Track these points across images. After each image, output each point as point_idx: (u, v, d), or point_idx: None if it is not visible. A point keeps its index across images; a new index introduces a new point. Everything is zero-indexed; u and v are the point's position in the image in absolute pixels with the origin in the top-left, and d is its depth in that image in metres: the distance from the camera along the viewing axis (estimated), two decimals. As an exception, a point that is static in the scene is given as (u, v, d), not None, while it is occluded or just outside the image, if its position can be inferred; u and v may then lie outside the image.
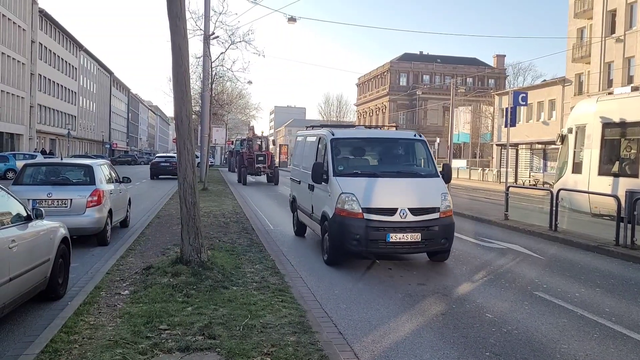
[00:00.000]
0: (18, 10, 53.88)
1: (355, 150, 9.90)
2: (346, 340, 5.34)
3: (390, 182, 8.91)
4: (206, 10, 24.51)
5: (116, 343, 4.85)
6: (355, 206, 8.33)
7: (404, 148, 9.99)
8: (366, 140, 10.21)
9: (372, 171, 9.25)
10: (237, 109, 60.66)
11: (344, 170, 9.07)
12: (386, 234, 8.20)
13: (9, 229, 5.61)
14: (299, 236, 11.86)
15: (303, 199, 11.02)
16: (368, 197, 8.41)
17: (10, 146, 52.14)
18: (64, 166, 11.52)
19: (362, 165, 9.65)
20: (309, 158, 10.72)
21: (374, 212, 8.29)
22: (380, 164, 9.68)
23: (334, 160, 9.17)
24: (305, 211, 10.67)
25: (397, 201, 8.39)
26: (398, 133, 11.13)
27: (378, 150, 9.96)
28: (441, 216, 8.58)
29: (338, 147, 9.47)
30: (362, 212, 8.28)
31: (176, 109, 7.74)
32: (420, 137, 9.92)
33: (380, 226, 8.24)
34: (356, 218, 8.28)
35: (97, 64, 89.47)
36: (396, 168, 9.50)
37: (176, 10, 7.55)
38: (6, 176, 30.08)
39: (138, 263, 8.32)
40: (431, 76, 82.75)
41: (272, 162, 31.06)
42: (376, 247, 8.31)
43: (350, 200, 8.37)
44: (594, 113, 15.72)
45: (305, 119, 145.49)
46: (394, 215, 8.29)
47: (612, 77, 35.78)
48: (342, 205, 8.40)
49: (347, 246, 8.39)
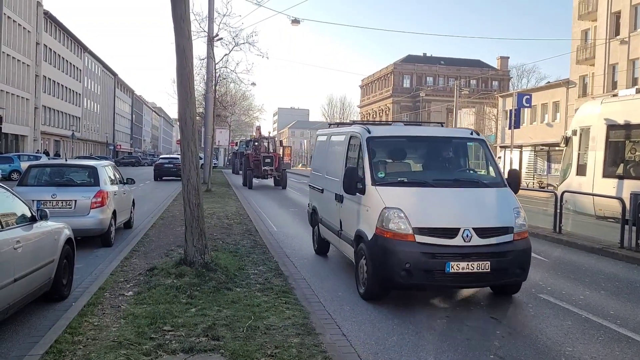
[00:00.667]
0: (23, 12, 54.12)
1: (399, 152, 8.13)
2: (350, 342, 5.33)
3: (447, 193, 7.03)
4: (210, 12, 24.55)
5: (120, 344, 4.86)
6: (404, 225, 6.46)
7: (458, 149, 8.14)
8: (412, 139, 8.17)
9: (421, 179, 7.45)
10: (241, 111, 60.68)
11: (386, 178, 7.26)
12: (445, 262, 6.33)
13: (14, 229, 5.63)
14: (320, 255, 9.92)
15: (327, 211, 9.10)
16: (420, 213, 6.59)
17: (15, 147, 52.35)
18: (68, 167, 11.56)
19: (407, 171, 7.98)
20: (334, 162, 8.89)
21: (428, 234, 6.45)
22: (431, 170, 7.97)
23: (372, 164, 7.25)
24: (331, 227, 8.75)
25: (458, 219, 6.58)
26: (450, 131, 9.24)
27: (427, 152, 8.17)
28: (515, 238, 6.70)
29: (376, 148, 7.62)
30: (412, 234, 6.43)
31: (180, 110, 7.76)
32: (479, 136, 8.16)
33: (438, 252, 6.37)
34: (405, 241, 6.43)
35: (101, 66, 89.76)
36: (452, 175, 7.75)
37: (180, 12, 7.57)
38: (11, 177, 30.16)
39: (142, 264, 8.33)
40: (435, 78, 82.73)
41: (280, 165, 29.12)
42: (432, 280, 6.43)
43: (396, 217, 6.51)
44: (599, 115, 15.68)
45: (308, 121, 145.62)
46: (456, 237, 6.43)
47: (617, 79, 35.68)
48: (386, 224, 6.54)
49: (393, 278, 6.47)
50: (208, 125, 27.84)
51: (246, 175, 29.60)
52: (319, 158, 10.46)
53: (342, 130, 9.13)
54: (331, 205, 8.69)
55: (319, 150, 10.68)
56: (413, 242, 6.42)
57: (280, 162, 29.33)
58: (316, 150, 11.10)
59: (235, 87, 47.64)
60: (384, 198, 6.74)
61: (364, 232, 6.93)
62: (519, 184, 7.72)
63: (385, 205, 6.63)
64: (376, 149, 7.61)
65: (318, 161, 10.45)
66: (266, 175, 28.67)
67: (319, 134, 11.05)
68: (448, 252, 6.38)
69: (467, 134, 8.27)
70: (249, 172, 29.04)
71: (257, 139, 32.86)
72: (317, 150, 10.91)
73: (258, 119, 69.01)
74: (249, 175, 28.80)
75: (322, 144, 10.40)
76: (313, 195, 10.44)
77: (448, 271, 6.32)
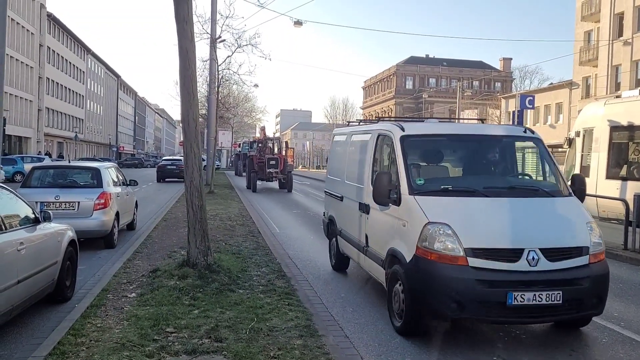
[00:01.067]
0: (26, 14, 54.33)
1: (439, 154, 6.85)
2: (353, 344, 5.32)
3: (504, 204, 5.76)
4: (213, 14, 24.63)
5: (123, 345, 4.87)
6: (453, 245, 5.23)
7: (509, 150, 6.95)
8: (455, 138, 6.82)
9: (469, 186, 6.08)
10: (243, 112, 60.79)
11: (426, 185, 5.98)
12: (506, 292, 5.09)
13: (17, 231, 5.64)
14: (338, 272, 8.72)
15: (348, 222, 7.89)
16: (472, 229, 5.37)
17: (18, 149, 52.51)
18: (72, 169, 11.59)
19: (451, 176, 6.76)
20: (357, 165, 7.68)
21: (484, 256, 5.19)
22: (478, 175, 6.68)
23: (408, 169, 6.01)
24: (353, 241, 7.55)
25: (521, 237, 5.34)
26: (498, 128, 8.01)
27: (472, 153, 6.92)
28: (591, 261, 5.47)
29: (412, 149, 6.37)
30: (464, 255, 5.18)
31: (183, 112, 7.77)
32: (534, 134, 6.78)
33: (497, 279, 5.14)
34: (455, 265, 5.19)
35: (104, 68, 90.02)
36: (505, 181, 6.53)
37: (183, 14, 7.59)
38: (14, 179, 30.25)
39: (145, 266, 8.34)
40: (437, 79, 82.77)
41: (285, 167, 27.88)
42: (489, 314, 5.23)
43: (443, 234, 5.28)
44: (602, 116, 15.64)
45: (311, 122, 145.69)
46: (519, 260, 5.19)
47: (620, 80, 35.64)
48: (431, 244, 5.30)
49: (439, 310, 5.31)
50: (211, 127, 27.89)
51: (250, 177, 28.47)
52: (336, 161, 9.17)
53: (366, 129, 7.88)
54: (353, 216, 7.50)
55: (336, 152, 9.39)
56: (465, 266, 5.19)
57: (286, 164, 28.28)
58: (333, 152, 9.68)
59: (237, 89, 47.81)
60: (426, 210, 5.51)
61: (400, 252, 5.70)
62: (585, 192, 6.48)
63: (428, 219, 5.40)
64: (412, 150, 6.35)
65: (336, 165, 9.15)
66: (271, 178, 27.56)
67: (335, 134, 9.76)
68: (509, 278, 5.15)
69: (519, 131, 6.94)
70: (253, 174, 28.01)
71: (261, 140, 31.73)
72: (334, 152, 9.51)
73: (261, 120, 69.10)
74: (253, 178, 27.71)
75: (340, 145, 9.13)
76: (330, 203, 9.13)
77: (510, 303, 5.09)
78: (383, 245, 6.24)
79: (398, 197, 5.91)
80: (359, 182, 7.35)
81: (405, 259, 5.57)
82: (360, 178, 7.32)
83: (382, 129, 6.95)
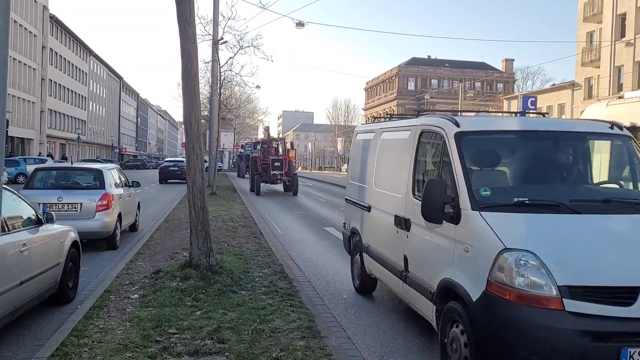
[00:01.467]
0: (29, 16, 54.49)
1: (507, 157, 5.33)
2: (355, 345, 5.32)
3: (602, 224, 4.35)
4: (215, 16, 24.67)
5: (126, 347, 4.87)
6: (541, 280, 3.85)
7: (591, 151, 5.71)
8: (529, 136, 5.26)
9: (551, 198, 4.58)
10: (245, 114, 60.88)
11: (495, 198, 4.55)
12: (619, 347, 3.69)
13: (20, 232, 5.66)
14: (362, 295, 7.41)
15: (379, 239, 6.55)
16: (567, 260, 3.95)
17: (21, 151, 52.64)
18: (74, 170, 11.61)
19: (525, 185, 5.13)
20: (390, 169, 6.41)
21: (586, 297, 3.78)
22: (560, 184, 5.15)
23: (468, 175, 4.61)
24: (386, 262, 6.14)
25: (636, 271, 3.89)
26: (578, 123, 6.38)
27: (548, 155, 5.32)
28: None
29: (472, 150, 4.91)
30: (559, 296, 3.79)
31: (185, 113, 7.78)
32: (622, 131, 5.41)
33: (606, 330, 3.72)
34: (546, 310, 3.80)
35: (106, 69, 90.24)
36: (597, 192, 5.19)
37: (185, 15, 7.60)
38: (17, 180, 30.32)
39: (147, 267, 8.35)
40: (439, 80, 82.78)
41: (291, 169, 26.70)
42: None
43: (527, 267, 3.90)
44: (604, 117, 15.54)
45: (313, 123, 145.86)
46: (634, 303, 3.77)
47: (622, 81, 35.58)
48: (510, 278, 3.91)
49: None
50: (213, 128, 27.94)
51: (253, 180, 27.25)
52: (361, 164, 7.69)
53: (403, 125, 6.41)
54: (386, 232, 6.11)
55: (360, 153, 7.84)
56: (560, 311, 3.75)
57: (291, 166, 27.12)
58: (356, 153, 8.16)
59: (240, 90, 47.81)
60: (499, 232, 4.10)
61: (460, 286, 4.28)
62: None
63: (504, 245, 3.99)
64: (471, 151, 4.87)
65: (360, 168, 7.72)
66: (275, 181, 26.33)
67: (359, 132, 8.25)
68: (623, 329, 3.71)
69: (604, 127, 5.49)
70: (256, 176, 26.76)
71: (265, 141, 30.65)
72: (358, 153, 8.00)
73: (263, 121, 69.15)
74: (256, 180, 26.50)
75: (365, 144, 7.61)
76: (353, 213, 7.81)
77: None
78: (432, 272, 4.88)
79: (456, 213, 4.50)
80: (394, 190, 5.99)
81: (470, 296, 4.14)
82: (396, 185, 5.94)
83: (428, 124, 5.54)
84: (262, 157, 27.85)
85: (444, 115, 5.40)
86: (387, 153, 6.67)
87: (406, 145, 5.84)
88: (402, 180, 5.78)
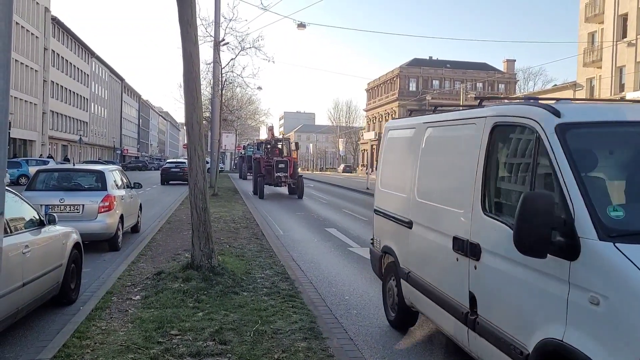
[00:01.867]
0: (31, 18, 54.61)
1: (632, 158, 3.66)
2: (357, 347, 5.31)
3: None
4: (216, 17, 24.67)
5: (128, 348, 4.88)
6: None
7: None
8: None
9: None
10: (247, 115, 60.91)
11: (632, 221, 3.10)
12: None
13: (23, 234, 5.66)
14: (398, 330, 5.98)
15: (426, 265, 5.17)
16: None
17: (23, 152, 52.73)
18: (76, 172, 11.62)
19: None
20: (442, 176, 5.09)
21: None
22: None
23: (585, 187, 3.12)
24: (438, 297, 4.74)
25: None
26: None
27: None
28: None
29: (585, 151, 3.47)
30: None
31: (187, 115, 7.79)
32: None
33: None
34: None
35: (108, 71, 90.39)
36: None
37: (187, 17, 7.61)
38: (19, 182, 30.36)
39: (149, 268, 8.36)
40: (441, 81, 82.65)
41: (295, 171, 25.56)
42: None
43: None
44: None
45: (314, 124, 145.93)
46: None
47: (624, 81, 35.56)
48: None
49: None
50: (214, 130, 27.92)
51: (256, 182, 25.75)
52: (396, 167, 6.27)
53: (462, 117, 4.91)
54: (438, 257, 4.84)
55: (395, 154, 6.46)
56: None
57: (296, 167, 25.88)
58: (389, 153, 6.72)
59: (241, 92, 47.87)
60: None
61: (586, 357, 2.82)
62: None
63: None
64: (584, 151, 3.44)
65: (395, 173, 6.31)
66: (280, 183, 25.06)
67: (391, 128, 6.71)
68: None
69: None
70: (259, 178, 25.34)
71: (269, 141, 29.51)
72: (392, 153, 6.59)
73: (264, 122, 69.17)
74: (259, 183, 25.06)
75: (402, 143, 6.18)
76: (385, 227, 6.33)
77: None
78: (523, 324, 3.47)
79: (573, 245, 3.04)
80: (450, 203, 4.64)
81: None
82: (454, 197, 4.59)
83: (505, 114, 4.08)
84: (265, 158, 26.81)
85: (532, 102, 3.88)
86: (436, 154, 5.29)
87: (469, 145, 4.44)
88: (463, 190, 4.37)
